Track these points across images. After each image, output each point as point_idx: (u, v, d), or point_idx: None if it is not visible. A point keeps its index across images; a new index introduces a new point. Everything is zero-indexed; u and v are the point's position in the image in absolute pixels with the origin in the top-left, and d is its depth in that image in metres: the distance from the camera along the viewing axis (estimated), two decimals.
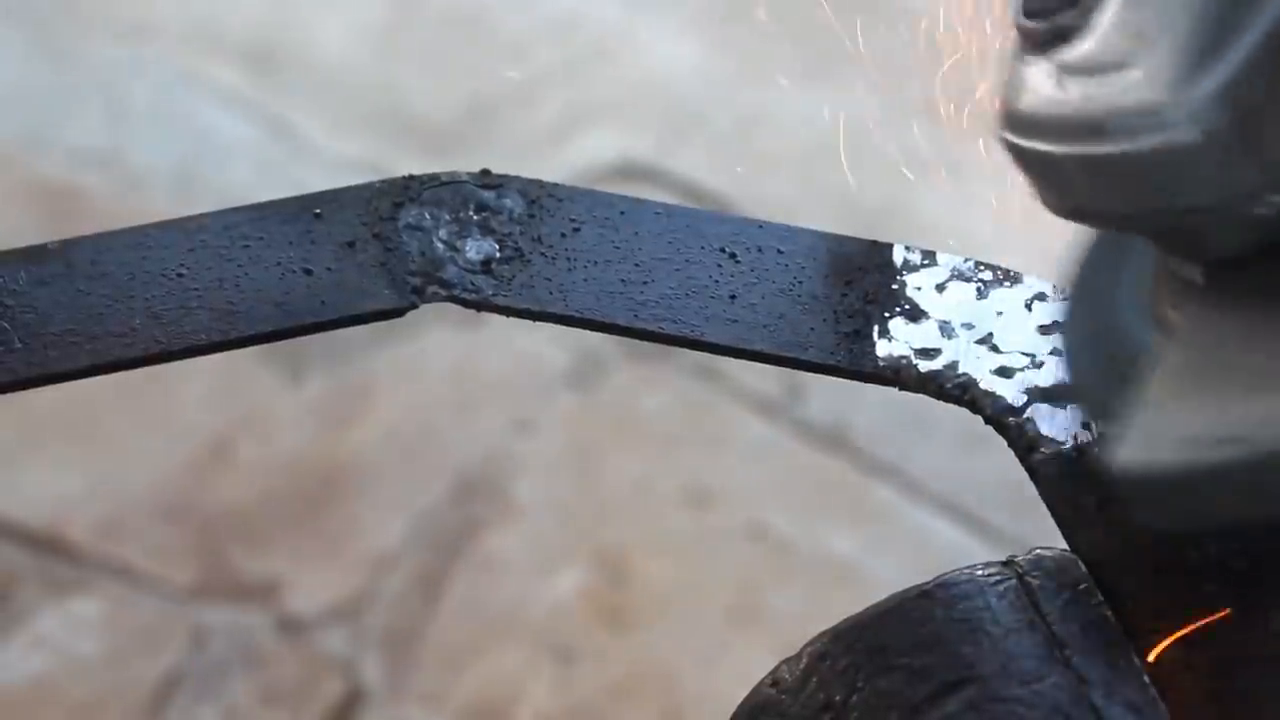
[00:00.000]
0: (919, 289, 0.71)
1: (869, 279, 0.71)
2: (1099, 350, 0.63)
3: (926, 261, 0.71)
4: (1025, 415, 0.67)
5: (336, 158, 2.05)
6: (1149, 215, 0.55)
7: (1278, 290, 0.55)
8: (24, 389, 0.67)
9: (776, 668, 0.60)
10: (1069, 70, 0.54)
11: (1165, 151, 0.52)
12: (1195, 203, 0.53)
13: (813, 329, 0.70)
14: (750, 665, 0.63)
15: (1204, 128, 0.51)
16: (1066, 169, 0.54)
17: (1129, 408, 0.55)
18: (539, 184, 0.73)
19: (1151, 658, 0.58)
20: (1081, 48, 0.54)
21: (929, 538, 1.75)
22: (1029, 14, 0.55)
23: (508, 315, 0.71)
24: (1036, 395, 0.67)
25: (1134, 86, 0.52)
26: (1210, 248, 0.56)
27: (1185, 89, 0.51)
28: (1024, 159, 0.56)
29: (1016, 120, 0.56)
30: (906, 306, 0.70)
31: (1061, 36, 0.54)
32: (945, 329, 0.69)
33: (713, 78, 2.18)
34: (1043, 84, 0.55)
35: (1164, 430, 0.54)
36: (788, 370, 0.71)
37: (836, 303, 0.70)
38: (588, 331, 0.71)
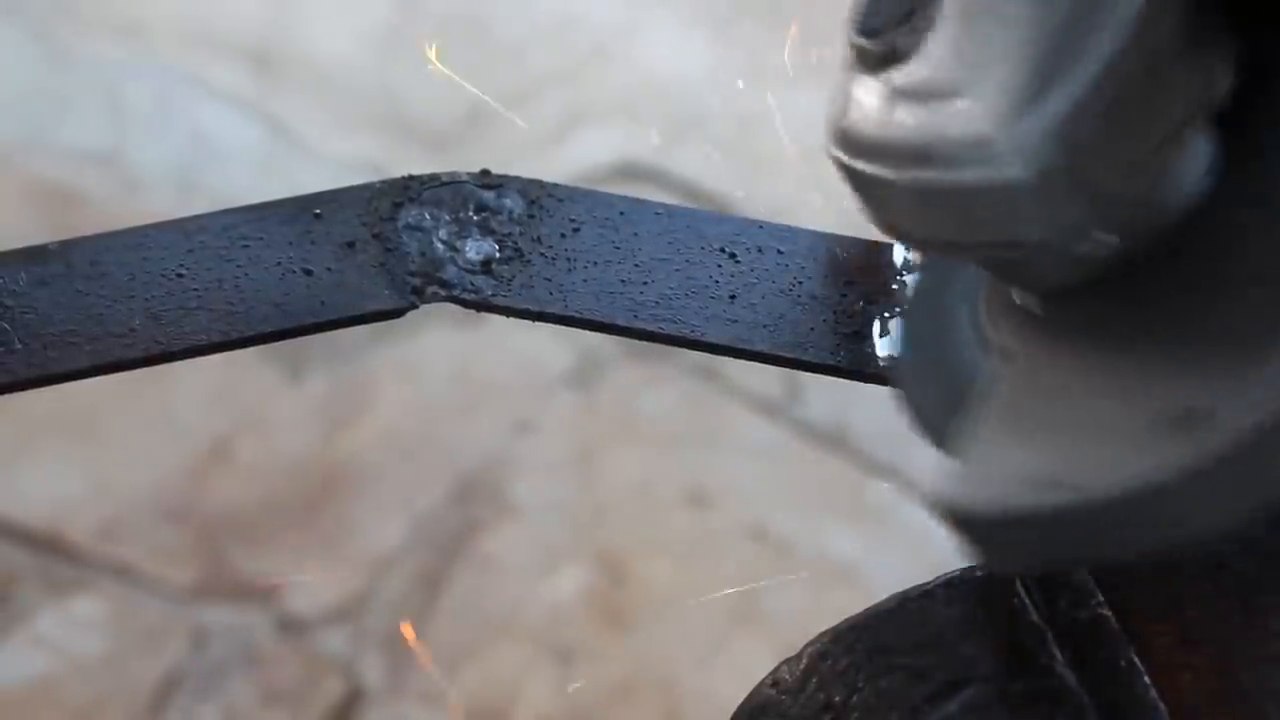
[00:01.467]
0: None
1: (869, 279, 0.71)
2: (937, 374, 0.61)
3: None
4: None
5: (336, 158, 2.05)
6: (974, 246, 0.53)
7: (1112, 325, 0.53)
8: (24, 389, 0.67)
9: (777, 668, 0.60)
10: (899, 93, 0.52)
11: (991, 185, 0.50)
12: (1021, 237, 0.51)
13: (813, 329, 0.70)
14: (750, 665, 0.63)
15: (1032, 164, 0.50)
16: (893, 193, 0.53)
17: (963, 438, 0.53)
18: (539, 184, 0.73)
19: (1151, 658, 0.58)
20: (912, 71, 0.52)
21: (929, 538, 1.75)
22: (863, 32, 0.53)
23: (508, 315, 0.71)
24: None
25: (962, 116, 0.50)
26: (1042, 280, 0.54)
27: (1014, 123, 0.50)
28: (852, 179, 0.54)
29: (844, 139, 0.54)
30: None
31: (894, 58, 0.53)
32: None
33: (713, 77, 2.18)
34: (873, 104, 0.53)
35: (995, 467, 0.51)
36: (788, 370, 0.71)
37: (836, 303, 0.70)
38: (588, 331, 0.71)
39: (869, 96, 0.53)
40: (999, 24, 0.51)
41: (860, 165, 0.54)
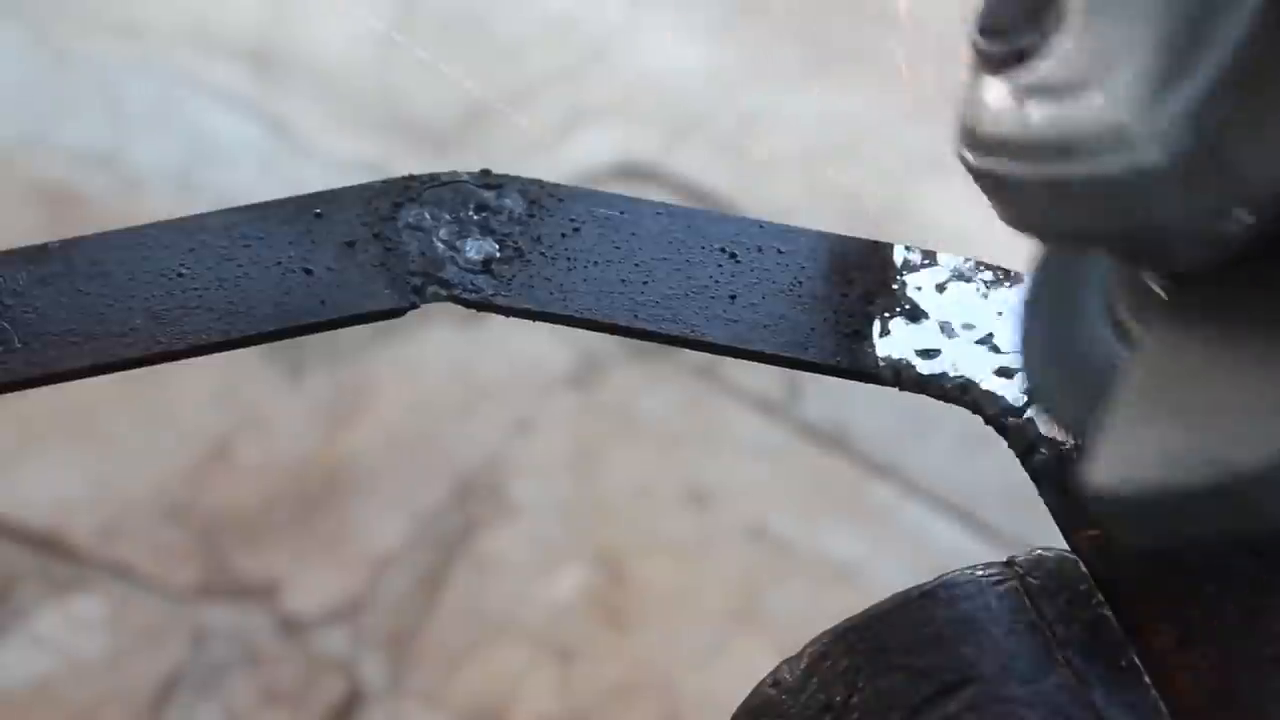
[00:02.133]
0: (919, 289, 0.71)
1: (869, 279, 0.71)
2: (1063, 363, 0.62)
3: (926, 261, 0.71)
4: (1025, 416, 0.67)
5: (336, 158, 2.05)
6: (1113, 235, 0.54)
7: (1243, 304, 0.54)
8: (24, 389, 0.67)
9: (777, 668, 0.60)
10: (1030, 91, 0.53)
11: (1130, 173, 0.51)
12: (1161, 222, 0.52)
13: (813, 329, 0.70)
14: (750, 665, 0.63)
15: (1170, 149, 0.50)
16: (1028, 190, 0.54)
17: (1097, 423, 0.54)
18: (539, 184, 0.73)
19: (1152, 659, 0.58)
20: (1042, 69, 0.53)
21: (929, 538, 1.75)
22: (986, 34, 0.54)
23: (508, 315, 0.71)
24: None
25: (1097, 107, 0.51)
26: (1176, 263, 0.55)
27: (1150, 109, 0.50)
28: (987, 180, 0.55)
29: (978, 141, 0.55)
30: (906, 306, 0.70)
31: (1020, 57, 0.53)
32: (946, 329, 0.69)
33: (713, 77, 2.18)
34: (1003, 104, 0.54)
35: (1134, 449, 0.53)
36: (788, 370, 0.71)
37: (836, 303, 0.70)
38: (588, 331, 0.71)
39: (998, 97, 0.54)
40: (1127, 14, 0.51)
41: (994, 165, 0.54)
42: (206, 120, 2.08)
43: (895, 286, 0.71)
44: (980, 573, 0.60)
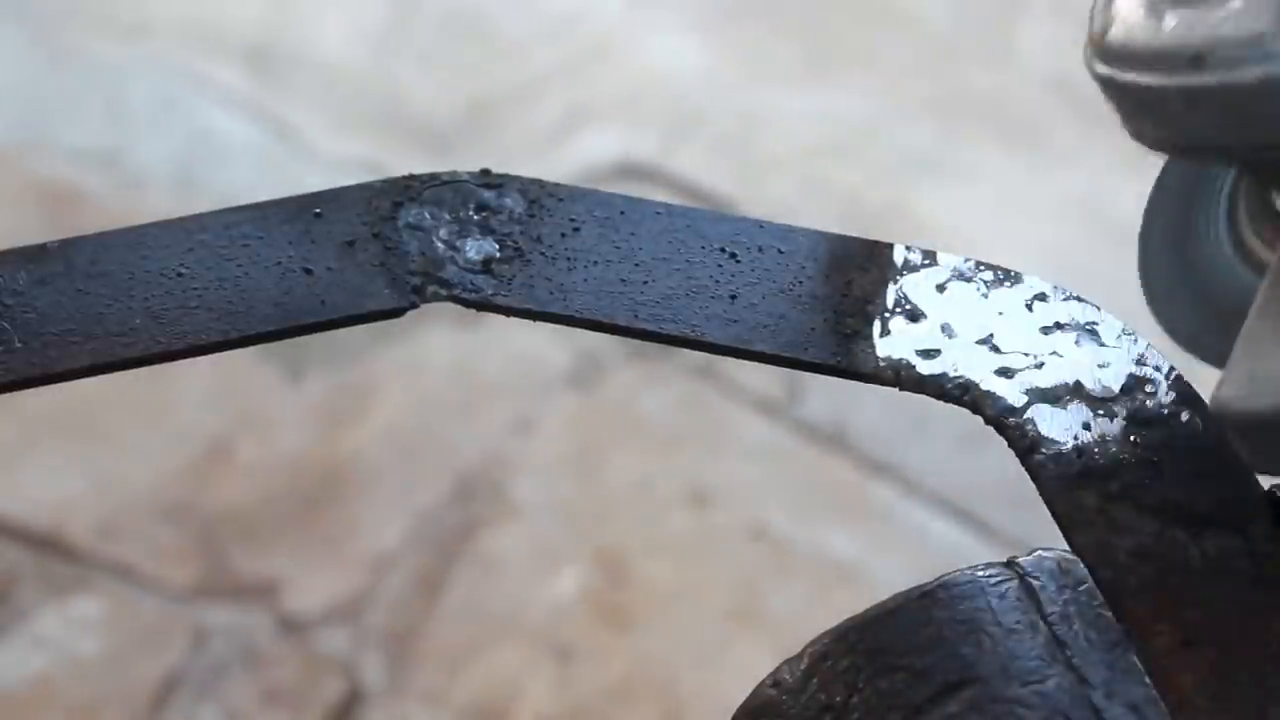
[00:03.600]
0: (919, 289, 0.70)
1: (869, 279, 0.71)
2: (1189, 289, 0.61)
3: (926, 261, 0.71)
4: (1026, 416, 0.66)
5: (336, 158, 2.05)
6: (1246, 148, 0.53)
7: None
8: (24, 389, 0.67)
9: (778, 668, 0.60)
10: (1166, 0, 0.52)
11: (1268, 83, 0.50)
12: None
13: (813, 329, 0.70)
14: (750, 665, 0.63)
15: None
16: (1164, 101, 0.53)
17: (1226, 348, 0.54)
18: (539, 184, 0.73)
19: (1152, 659, 0.58)
20: None
21: (929, 538, 1.75)
22: None
23: (508, 315, 0.70)
24: (1037, 396, 0.67)
25: (1235, 15, 0.50)
26: None
27: None
28: (1117, 91, 0.54)
29: (1108, 52, 0.54)
30: (907, 306, 0.70)
31: None
32: (946, 329, 0.69)
33: (713, 77, 2.18)
34: (1135, 13, 0.53)
35: (1264, 372, 0.52)
36: (788, 370, 0.71)
37: (836, 303, 0.70)
38: (588, 331, 0.71)
39: (1132, 7, 0.53)
40: None
41: (1130, 77, 0.53)
42: (207, 120, 2.08)
43: (895, 286, 0.71)
44: (981, 573, 0.60)
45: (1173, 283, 0.62)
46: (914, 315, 0.70)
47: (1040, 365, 0.68)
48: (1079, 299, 0.69)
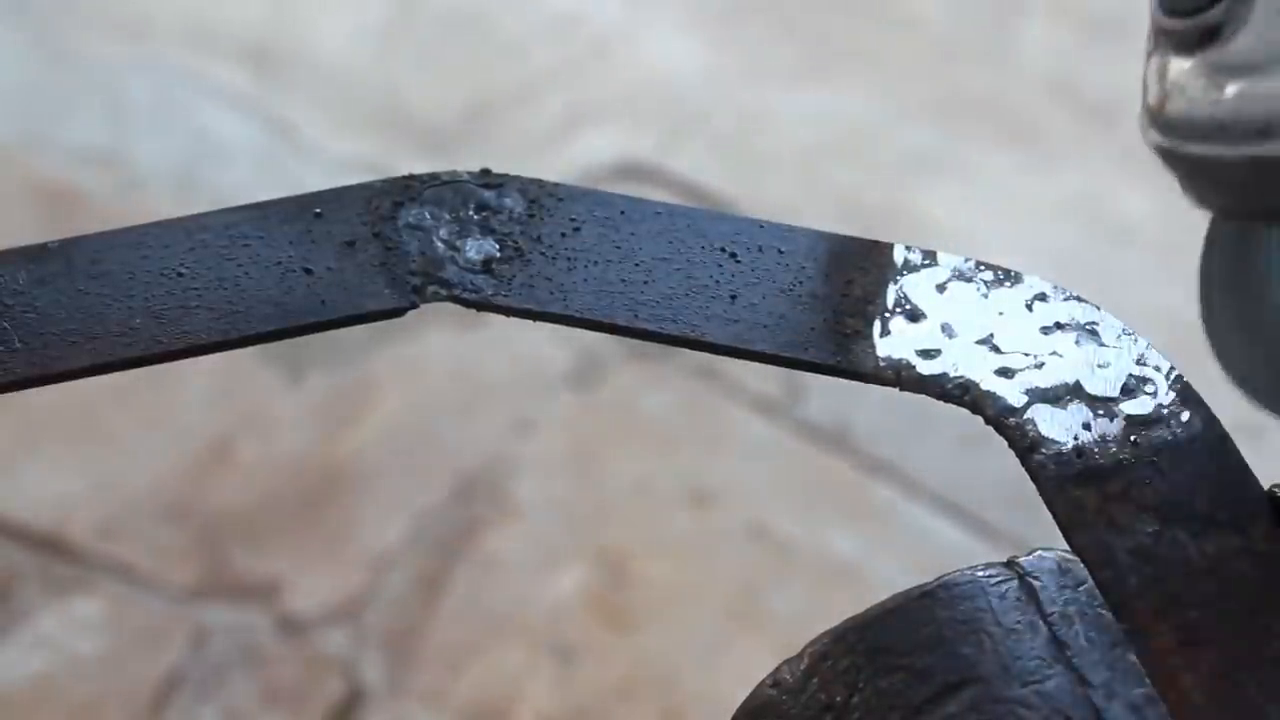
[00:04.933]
0: (919, 289, 0.70)
1: (869, 279, 0.71)
2: (1259, 338, 0.61)
3: (926, 261, 0.71)
4: (1026, 416, 0.66)
5: (336, 158, 2.05)
6: None
7: None
8: (24, 389, 0.67)
9: (778, 668, 0.60)
10: (1226, 70, 0.52)
11: None
12: None
13: (813, 329, 0.70)
14: (750, 665, 0.63)
15: None
16: (1230, 170, 0.52)
17: None
18: (539, 184, 0.73)
19: (1152, 659, 0.58)
20: (1235, 45, 0.51)
21: (929, 538, 1.75)
22: (1172, 12, 0.53)
23: (508, 315, 0.70)
24: (1037, 396, 0.67)
25: None
26: None
27: None
28: (1178, 163, 0.54)
29: (1168, 124, 0.53)
30: (907, 306, 0.70)
31: (1210, 34, 0.52)
32: (946, 329, 0.69)
33: (713, 77, 2.18)
34: (1193, 84, 0.52)
35: None
36: (788, 370, 0.71)
37: (836, 303, 0.70)
38: (588, 331, 0.71)
39: (1191, 78, 0.53)
40: None
41: (1193, 148, 0.53)
42: (206, 120, 2.08)
43: (895, 286, 0.71)
44: (981, 573, 0.60)
45: (1236, 333, 0.62)
46: (914, 315, 0.70)
47: (1040, 365, 0.68)
48: (1079, 299, 0.69)
